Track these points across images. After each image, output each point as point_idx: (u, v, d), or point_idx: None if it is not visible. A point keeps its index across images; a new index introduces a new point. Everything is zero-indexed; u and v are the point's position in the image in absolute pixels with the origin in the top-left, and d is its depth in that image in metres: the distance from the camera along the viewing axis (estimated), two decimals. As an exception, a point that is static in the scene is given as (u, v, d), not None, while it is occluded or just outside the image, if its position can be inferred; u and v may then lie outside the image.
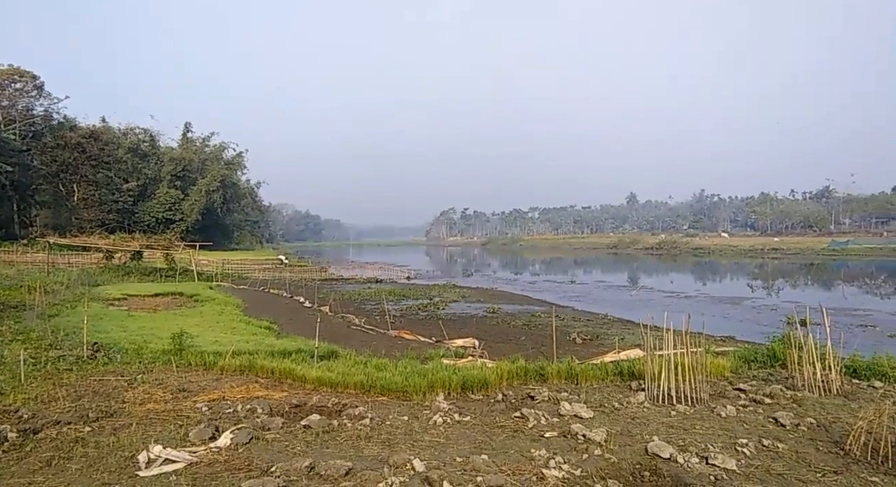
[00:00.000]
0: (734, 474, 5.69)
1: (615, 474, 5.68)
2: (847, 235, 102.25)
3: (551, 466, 5.76)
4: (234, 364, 10.50)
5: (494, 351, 14.53)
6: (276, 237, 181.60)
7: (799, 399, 8.79)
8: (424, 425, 7.31)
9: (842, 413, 7.92)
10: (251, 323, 18.46)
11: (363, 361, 10.99)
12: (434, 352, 13.03)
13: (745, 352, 12.37)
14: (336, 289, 36.16)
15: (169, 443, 6.23)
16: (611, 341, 16.22)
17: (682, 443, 6.60)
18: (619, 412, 8.14)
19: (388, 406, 8.33)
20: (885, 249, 79.00)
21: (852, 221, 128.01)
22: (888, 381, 9.98)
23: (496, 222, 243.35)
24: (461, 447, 6.45)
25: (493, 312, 25.42)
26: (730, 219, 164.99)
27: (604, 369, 10.60)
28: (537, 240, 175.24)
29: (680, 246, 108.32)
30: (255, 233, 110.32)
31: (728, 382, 10.05)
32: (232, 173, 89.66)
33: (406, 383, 9.04)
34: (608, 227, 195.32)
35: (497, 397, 8.91)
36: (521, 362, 10.59)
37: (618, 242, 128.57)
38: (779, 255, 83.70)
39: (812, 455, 6.32)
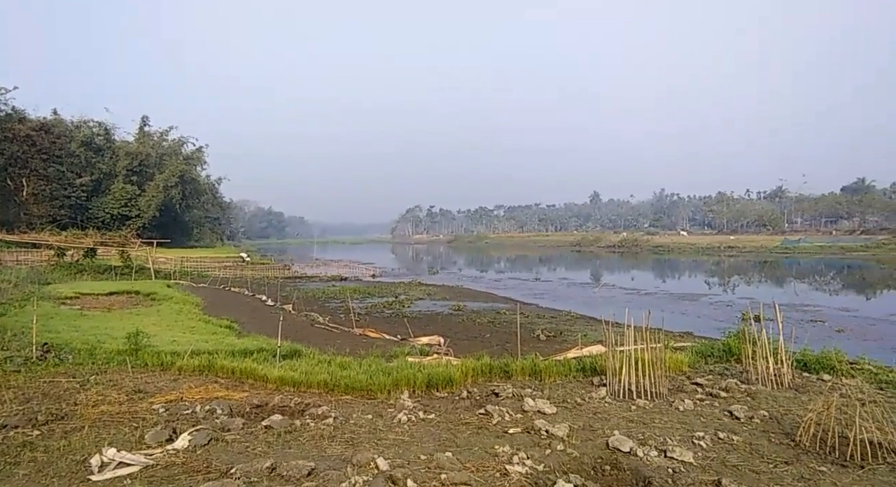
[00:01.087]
0: (691, 466, 5.85)
1: (577, 468, 5.76)
2: (799, 234, 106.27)
3: (515, 462, 5.81)
4: (193, 364, 10.24)
5: (460, 348, 14.57)
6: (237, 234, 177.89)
7: (753, 392, 9.09)
8: (389, 423, 7.27)
9: (793, 406, 8.22)
10: (211, 322, 18.05)
11: (327, 360, 10.86)
12: (399, 350, 12.98)
13: (702, 348, 12.73)
14: (300, 287, 35.66)
15: (123, 446, 6.03)
16: (574, 338, 16.47)
17: (642, 437, 6.75)
18: (582, 407, 8.27)
19: (353, 404, 8.26)
20: (833, 248, 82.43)
21: (804, 220, 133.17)
22: (836, 374, 10.41)
23: (462, 220, 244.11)
24: (426, 445, 6.44)
25: (458, 310, 25.48)
26: (688, 218, 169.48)
27: (567, 365, 10.74)
28: (503, 238, 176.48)
29: (641, 244, 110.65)
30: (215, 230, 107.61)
31: (686, 377, 10.32)
32: (191, 168, 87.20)
33: (370, 381, 8.97)
34: (572, 225, 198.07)
35: (462, 394, 8.94)
36: (485, 359, 10.64)
37: (581, 240, 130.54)
38: (734, 253, 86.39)
39: (765, 446, 6.54)
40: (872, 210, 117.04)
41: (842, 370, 10.60)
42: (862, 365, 10.92)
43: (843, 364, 10.80)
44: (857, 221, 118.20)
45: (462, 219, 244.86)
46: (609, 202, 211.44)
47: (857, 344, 16.56)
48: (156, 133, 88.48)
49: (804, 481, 5.50)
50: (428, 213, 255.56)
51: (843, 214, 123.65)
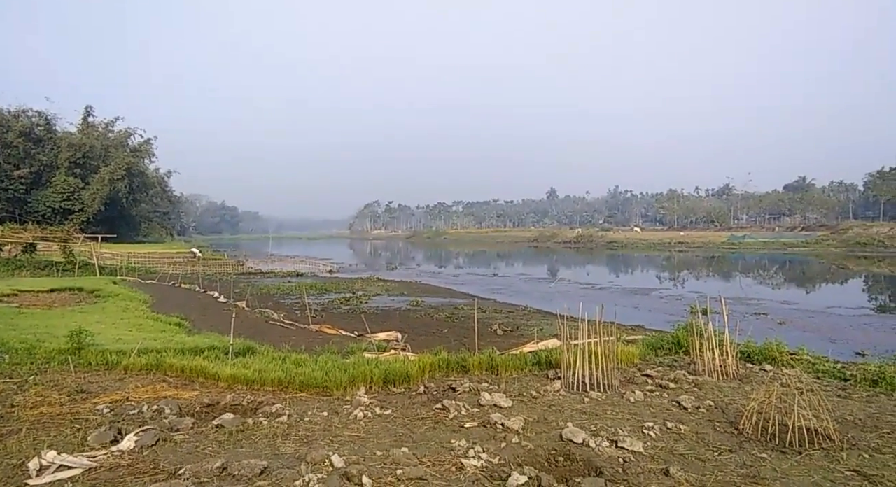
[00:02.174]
0: (641, 456, 6.01)
1: (531, 460, 5.84)
2: (744, 230, 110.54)
3: (470, 455, 5.84)
4: (140, 362, 9.89)
5: (417, 343, 14.56)
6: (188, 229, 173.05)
7: (700, 383, 9.42)
8: (345, 420, 7.20)
9: (737, 396, 8.56)
10: (160, 319, 17.47)
11: (282, 357, 10.66)
12: (356, 346, 12.87)
13: (652, 340, 13.11)
14: (254, 284, 34.91)
15: (64, 449, 5.77)
16: (530, 332, 16.69)
17: (595, 428, 6.90)
18: (537, 400, 8.39)
19: (308, 402, 8.15)
20: (776, 243, 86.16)
21: (749, 217, 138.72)
22: (777, 365, 10.91)
23: (421, 215, 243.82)
24: (382, 440, 6.41)
25: (416, 305, 25.46)
26: (641, 214, 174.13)
27: (523, 359, 10.89)
28: (461, 234, 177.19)
29: (596, 239, 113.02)
30: (164, 224, 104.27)
31: (637, 369, 10.60)
32: (139, 161, 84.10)
33: (326, 378, 8.87)
34: (529, 221, 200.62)
35: (419, 389, 8.93)
36: (443, 354, 10.67)
37: (538, 236, 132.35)
38: (684, 248, 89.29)
39: (710, 435, 6.79)
40: (812, 207, 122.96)
41: (782, 360, 11.12)
42: (801, 355, 11.47)
43: (783, 354, 11.33)
44: (799, 218, 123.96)
45: (421, 214, 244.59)
46: (566, 198, 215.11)
47: (797, 336, 17.38)
48: (101, 124, 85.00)
49: (746, 467, 5.74)
50: (386, 209, 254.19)
51: (786, 211, 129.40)
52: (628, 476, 5.46)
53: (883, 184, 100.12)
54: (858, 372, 9.88)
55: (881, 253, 67.08)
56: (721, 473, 5.57)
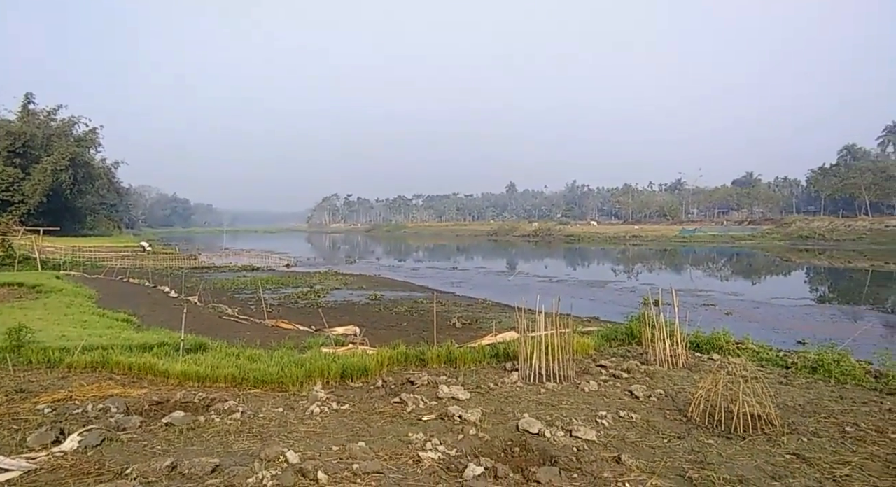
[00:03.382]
0: (594, 444, 6.15)
1: (488, 451, 5.89)
2: (695, 224, 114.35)
3: (428, 448, 5.85)
4: (85, 360, 9.49)
5: (376, 337, 14.47)
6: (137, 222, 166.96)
7: (651, 372, 9.70)
8: (300, 416, 7.10)
9: (686, 384, 8.85)
10: (106, 315, 16.81)
11: (235, 353, 10.42)
12: (313, 341, 12.69)
13: (607, 331, 13.41)
14: (207, 278, 33.99)
15: (1, 451, 5.50)
16: (489, 325, 16.82)
17: (550, 418, 7.01)
18: (494, 392, 8.47)
19: (262, 398, 7.99)
20: (724, 236, 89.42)
21: (699, 211, 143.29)
22: (724, 354, 11.32)
23: (380, 209, 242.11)
24: (338, 435, 6.35)
25: (375, 299, 25.30)
26: (598, 208, 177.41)
27: (481, 352, 10.97)
28: (421, 227, 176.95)
29: (554, 233, 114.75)
30: (112, 217, 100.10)
31: (592, 359, 10.83)
32: (84, 151, 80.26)
33: (282, 374, 8.72)
34: (489, 215, 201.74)
35: (377, 383, 8.89)
36: (401, 348, 10.64)
37: (498, 229, 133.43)
38: (638, 242, 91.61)
39: (660, 422, 6.99)
40: (758, 202, 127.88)
41: (729, 349, 11.54)
42: (746, 344, 11.93)
43: (730, 344, 11.77)
44: (746, 212, 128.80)
45: (380, 207, 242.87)
46: (524, 192, 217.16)
47: (743, 326, 18.08)
48: (42, 112, 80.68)
49: (694, 453, 5.94)
50: (345, 202, 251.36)
51: (734, 206, 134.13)
52: (582, 464, 5.57)
53: (823, 179, 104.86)
54: (799, 360, 10.36)
55: (821, 246, 70.47)
56: (670, 459, 5.75)
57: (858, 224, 78.47)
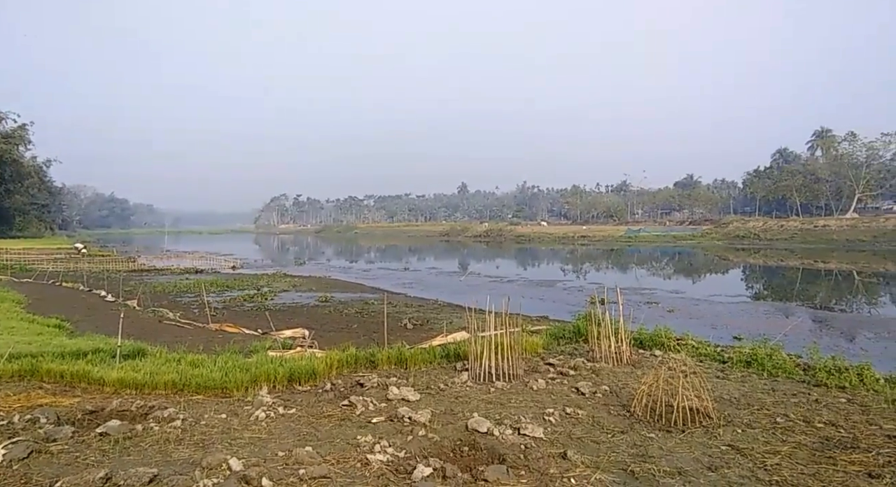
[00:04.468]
0: (541, 441, 6.24)
1: (437, 452, 5.89)
2: (640, 224, 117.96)
3: (376, 451, 5.79)
4: (12, 368, 8.94)
5: (326, 340, 14.26)
6: (71, 223, 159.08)
7: (597, 369, 9.94)
8: (245, 422, 6.91)
9: (629, 380, 9.11)
10: (36, 321, 15.91)
11: (176, 358, 10.04)
12: (259, 345, 12.38)
13: (555, 330, 13.66)
14: (147, 281, 32.67)
15: (-86, 471, 5.11)
16: (440, 325, 16.85)
17: (499, 417, 7.08)
18: (445, 392, 8.48)
19: (205, 404, 7.73)
20: (667, 236, 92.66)
21: (644, 212, 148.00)
22: (665, 350, 11.73)
23: (331, 209, 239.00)
24: (284, 441, 6.21)
25: (325, 301, 24.92)
26: (547, 209, 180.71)
27: (432, 352, 10.97)
28: (373, 228, 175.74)
29: (505, 233, 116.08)
30: (43, 218, 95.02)
31: (540, 358, 11.01)
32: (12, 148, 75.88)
33: (226, 379, 8.47)
34: (441, 216, 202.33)
35: (325, 387, 8.75)
36: (351, 350, 10.52)
37: (450, 230, 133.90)
38: (586, 242, 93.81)
39: (605, 418, 7.18)
40: (699, 203, 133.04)
41: (670, 346, 11.97)
42: (686, 340, 12.40)
43: (671, 340, 12.20)
44: (687, 213, 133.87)
45: (331, 208, 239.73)
46: (476, 193, 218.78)
47: (683, 323, 18.76)
48: (-36, 106, 75.70)
49: (636, 447, 6.12)
50: (295, 202, 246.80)
51: (676, 206, 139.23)
52: (529, 461, 5.65)
53: (758, 182, 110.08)
54: (735, 355, 10.84)
55: (756, 246, 74.03)
56: (614, 454, 5.91)
57: (790, 224, 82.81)
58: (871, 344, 16.02)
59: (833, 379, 9.03)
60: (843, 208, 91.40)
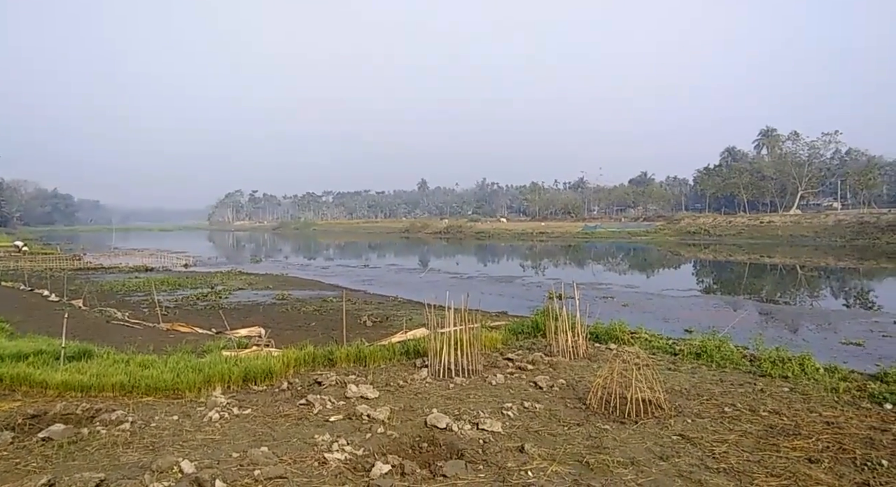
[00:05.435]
0: (499, 435, 6.31)
1: (396, 449, 5.87)
2: (596, 220, 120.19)
3: (334, 449, 5.74)
4: (-56, 374, 8.45)
5: (282, 338, 14.01)
6: (11, 220, 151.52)
7: (554, 363, 10.10)
8: (198, 423, 6.73)
9: (585, 374, 9.29)
10: (-28, 323, 15.06)
11: (125, 359, 9.67)
12: (213, 344, 12.05)
13: (514, 325, 13.80)
14: (94, 280, 31.40)
15: None
16: (400, 322, 16.77)
17: (458, 413, 7.11)
18: (404, 389, 8.47)
19: (155, 406, 7.50)
20: (622, 233, 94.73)
21: (600, 208, 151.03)
22: (620, 343, 12.02)
23: (288, 206, 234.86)
24: (239, 442, 6.08)
25: (282, 299, 24.47)
26: (507, 206, 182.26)
27: (391, 349, 10.93)
28: (332, 225, 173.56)
29: (465, 230, 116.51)
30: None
31: (500, 353, 11.11)
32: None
33: (178, 380, 8.22)
34: (401, 212, 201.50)
35: (282, 386, 8.61)
36: (309, 348, 10.38)
37: (410, 226, 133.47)
38: (545, 238, 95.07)
39: (562, 411, 7.30)
40: (652, 200, 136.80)
41: (624, 339, 12.27)
42: (640, 334, 12.73)
43: (625, 334, 12.51)
44: (641, 209, 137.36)
45: (288, 204, 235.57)
46: (436, 190, 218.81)
47: (637, 316, 19.26)
48: None
49: (591, 439, 6.25)
50: (251, 198, 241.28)
51: (631, 203, 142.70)
52: (487, 455, 5.70)
53: (708, 179, 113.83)
54: (686, 347, 11.20)
55: (707, 241, 76.54)
56: (570, 446, 6.02)
57: (738, 220, 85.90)
58: (812, 335, 16.80)
59: (777, 370, 9.44)
60: (787, 205, 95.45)
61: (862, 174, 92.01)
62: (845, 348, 14.64)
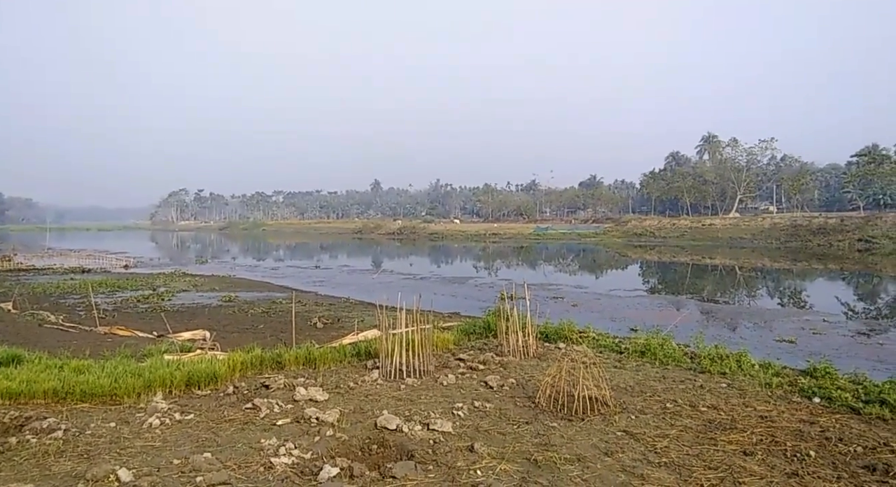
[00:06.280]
0: (450, 435, 6.33)
1: (345, 452, 5.80)
2: (547, 222, 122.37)
3: (281, 453, 5.62)
4: None
5: (229, 341, 13.64)
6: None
7: (505, 363, 10.20)
8: (137, 430, 6.46)
9: (535, 373, 9.43)
10: None
11: (58, 365, 9.18)
12: (155, 348, 11.61)
13: (466, 326, 13.88)
14: (25, 282, 29.74)
15: None
16: (351, 323, 16.61)
17: (409, 413, 7.09)
18: (354, 391, 8.38)
19: (91, 413, 7.16)
20: (572, 234, 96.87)
21: (551, 210, 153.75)
22: (569, 342, 12.26)
23: (236, 205, 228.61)
24: (181, 448, 5.87)
25: (229, 301, 23.82)
26: (460, 207, 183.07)
27: (342, 351, 10.80)
28: (282, 225, 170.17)
29: (418, 230, 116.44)
30: None
31: (452, 354, 11.13)
32: None
33: (115, 385, 7.87)
34: (354, 213, 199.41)
35: (227, 390, 8.36)
36: (256, 351, 10.14)
37: (363, 227, 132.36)
38: (498, 239, 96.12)
39: (511, 410, 7.39)
40: (601, 202, 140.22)
41: (573, 338, 12.53)
42: (588, 333, 13.02)
43: (574, 333, 12.77)
44: (591, 212, 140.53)
45: (236, 204, 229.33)
46: (389, 190, 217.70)
47: (586, 316, 19.73)
48: None
49: (539, 437, 6.35)
50: (196, 198, 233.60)
51: (581, 206, 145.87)
52: (437, 455, 5.70)
53: (653, 183, 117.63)
54: (631, 346, 11.53)
55: (652, 243, 79.11)
56: (518, 444, 6.09)
57: (681, 223, 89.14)
58: (748, 333, 17.62)
59: (715, 366, 9.84)
60: (727, 208, 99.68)
61: (795, 179, 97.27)
62: (779, 345, 15.43)
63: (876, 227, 62.08)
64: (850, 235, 62.50)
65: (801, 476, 5.31)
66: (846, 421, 7.02)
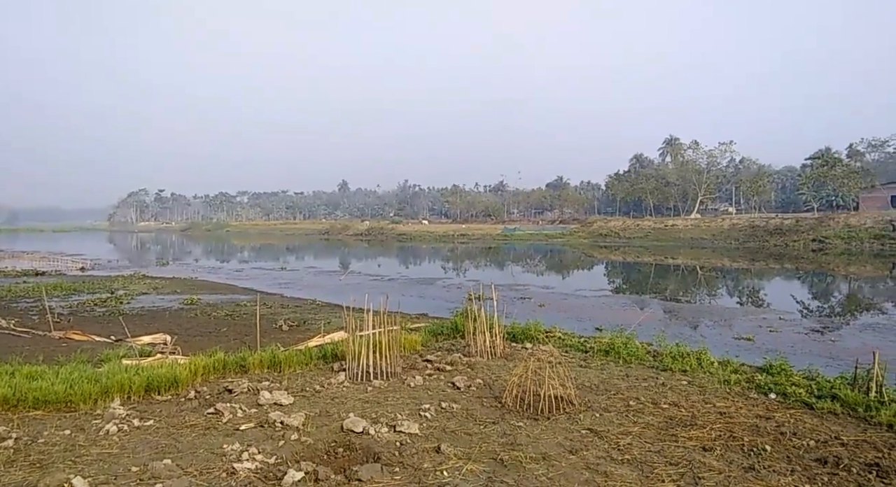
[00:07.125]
0: (416, 437, 6.32)
1: (310, 455, 5.74)
2: (515, 223, 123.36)
3: (244, 459, 5.53)
4: None
5: (191, 345, 13.32)
6: None
7: (472, 364, 10.25)
8: (93, 437, 6.26)
9: (502, 373, 9.50)
10: None
11: (9, 371, 8.80)
12: (112, 353, 11.25)
13: (434, 327, 13.88)
14: (-25, 285, 28.45)
15: None
16: (318, 326, 16.42)
17: (375, 416, 7.06)
18: (320, 394, 8.29)
19: (44, 421, 6.90)
20: (539, 235, 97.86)
21: (519, 211, 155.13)
22: (535, 342, 12.39)
23: (199, 206, 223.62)
24: (139, 455, 5.71)
25: (191, 303, 23.24)
26: (429, 208, 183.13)
27: (308, 354, 10.67)
28: (247, 226, 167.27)
29: (386, 231, 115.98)
30: None
31: (419, 355, 11.12)
32: None
33: (71, 391, 7.60)
34: (321, 213, 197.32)
35: (189, 395, 8.17)
36: (219, 355, 9.94)
37: (330, 228, 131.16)
38: (466, 240, 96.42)
39: (478, 410, 7.42)
40: (567, 203, 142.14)
41: (539, 338, 12.67)
42: (554, 333, 13.19)
43: (540, 333, 12.92)
44: (557, 212, 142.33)
45: (199, 205, 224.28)
46: (357, 191, 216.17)
47: (552, 316, 19.93)
48: None
49: (506, 436, 6.40)
50: (157, 198, 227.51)
51: (548, 206, 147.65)
52: (403, 457, 5.69)
53: (618, 184, 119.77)
54: (596, 345, 11.72)
55: (617, 243, 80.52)
56: (485, 444, 6.13)
57: (645, 224, 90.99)
58: (708, 331, 18.09)
59: (677, 364, 10.09)
60: (689, 209, 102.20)
61: (753, 181, 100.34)
62: (738, 343, 15.88)
63: (829, 228, 64.56)
64: (804, 236, 64.82)
65: (757, 470, 5.48)
66: (800, 416, 7.28)
